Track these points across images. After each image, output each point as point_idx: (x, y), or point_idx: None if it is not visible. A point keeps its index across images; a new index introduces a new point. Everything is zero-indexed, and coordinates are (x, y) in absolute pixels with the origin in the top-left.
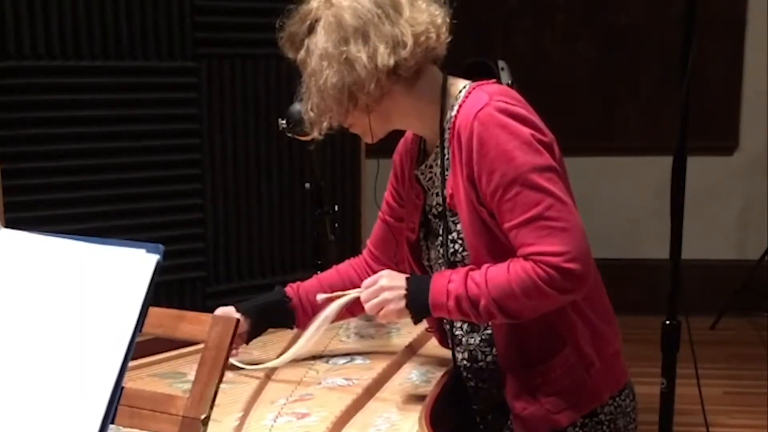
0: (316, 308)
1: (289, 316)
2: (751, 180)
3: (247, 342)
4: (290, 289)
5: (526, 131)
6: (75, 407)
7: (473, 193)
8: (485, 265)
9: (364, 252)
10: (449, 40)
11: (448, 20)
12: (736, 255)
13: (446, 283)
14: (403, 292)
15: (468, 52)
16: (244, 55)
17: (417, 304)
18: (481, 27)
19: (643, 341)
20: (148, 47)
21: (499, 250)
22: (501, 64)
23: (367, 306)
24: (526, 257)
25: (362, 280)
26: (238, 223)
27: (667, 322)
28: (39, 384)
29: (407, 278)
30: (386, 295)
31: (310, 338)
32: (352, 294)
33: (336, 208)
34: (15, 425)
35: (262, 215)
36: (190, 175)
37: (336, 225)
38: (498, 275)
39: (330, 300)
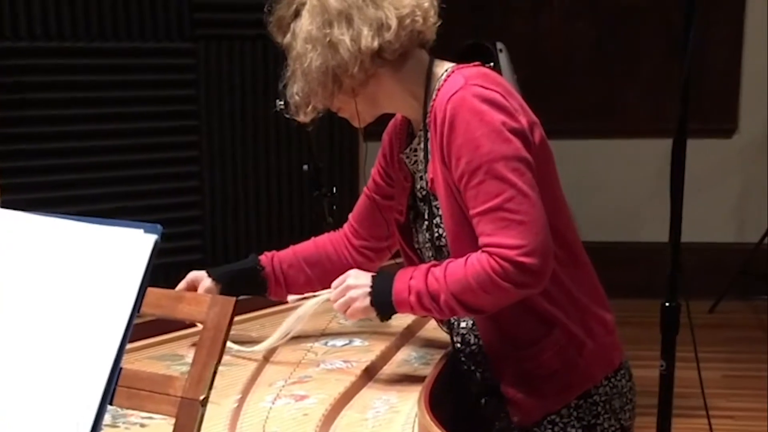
0: (289, 278)
1: (261, 285)
2: (750, 163)
3: None
4: (264, 258)
5: (498, 118)
6: (73, 388)
7: (449, 176)
8: (447, 260)
9: (345, 226)
10: (438, 24)
11: (435, 4)
12: (735, 238)
13: (408, 279)
14: (368, 289)
15: (466, 34)
16: (242, 36)
17: (381, 302)
18: (480, 8)
19: (642, 324)
20: (146, 28)
21: (475, 235)
22: (499, 45)
23: (335, 305)
24: (483, 248)
25: (339, 254)
26: (236, 205)
27: (667, 304)
28: (36, 364)
29: (373, 276)
30: (352, 293)
31: (281, 335)
32: (323, 295)
33: (334, 189)
34: (13, 405)
35: (260, 197)
36: (187, 158)
37: (334, 207)
38: (456, 270)
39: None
